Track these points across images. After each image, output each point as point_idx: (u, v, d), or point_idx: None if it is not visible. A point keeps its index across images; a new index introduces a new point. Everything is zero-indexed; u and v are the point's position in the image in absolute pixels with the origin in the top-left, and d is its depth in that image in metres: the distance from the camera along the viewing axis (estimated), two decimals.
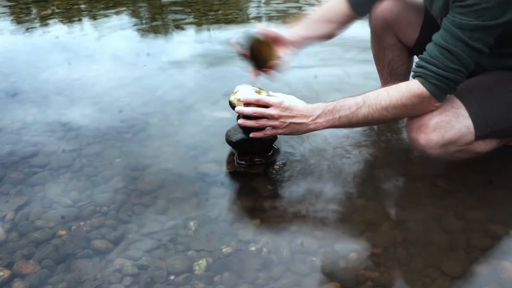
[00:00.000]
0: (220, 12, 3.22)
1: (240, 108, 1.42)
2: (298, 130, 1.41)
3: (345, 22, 1.65)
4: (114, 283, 1.20)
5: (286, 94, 1.42)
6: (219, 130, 1.76)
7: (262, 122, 1.41)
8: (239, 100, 1.44)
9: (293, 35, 1.57)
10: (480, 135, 1.33)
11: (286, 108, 1.37)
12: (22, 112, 1.97)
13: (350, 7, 1.61)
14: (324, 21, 1.62)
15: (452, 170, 1.56)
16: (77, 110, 1.97)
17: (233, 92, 1.48)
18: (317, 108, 1.38)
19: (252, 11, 3.28)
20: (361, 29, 1.91)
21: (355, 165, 1.66)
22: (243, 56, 1.53)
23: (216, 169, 1.60)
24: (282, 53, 1.54)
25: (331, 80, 2.15)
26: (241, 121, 1.45)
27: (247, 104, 1.41)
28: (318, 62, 2.26)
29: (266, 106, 1.39)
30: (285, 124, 1.39)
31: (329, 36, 1.65)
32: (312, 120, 1.38)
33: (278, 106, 1.37)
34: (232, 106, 1.46)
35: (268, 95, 1.45)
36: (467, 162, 1.44)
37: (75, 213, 1.42)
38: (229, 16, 3.14)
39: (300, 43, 1.59)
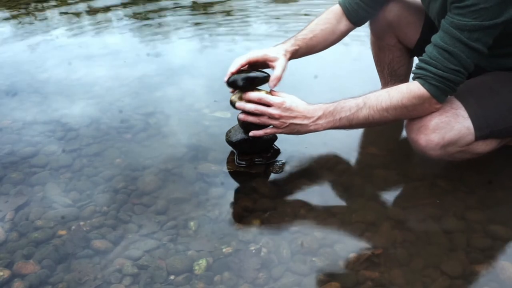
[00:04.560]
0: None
1: (242, 104, 1.42)
2: (299, 130, 1.41)
3: (341, 37, 1.65)
4: (114, 283, 1.20)
5: (288, 94, 1.42)
6: (219, 130, 1.76)
7: (263, 119, 1.41)
8: (240, 98, 1.44)
9: (282, 52, 1.48)
10: (480, 135, 1.33)
11: (287, 109, 1.37)
12: (22, 112, 1.97)
13: (347, 18, 1.61)
14: (320, 40, 1.60)
15: (452, 170, 1.56)
16: (77, 110, 1.98)
17: (234, 93, 1.47)
18: (318, 109, 1.38)
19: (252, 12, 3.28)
20: None
21: (355, 165, 1.66)
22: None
23: (216, 169, 1.60)
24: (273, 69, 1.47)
25: None
26: (242, 115, 1.45)
27: (248, 101, 1.41)
28: None
29: (267, 105, 1.39)
30: (285, 124, 1.39)
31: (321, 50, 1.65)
32: (313, 121, 1.38)
33: (279, 106, 1.38)
34: (233, 105, 1.46)
35: (270, 93, 1.45)
36: (467, 162, 1.44)
37: (75, 213, 1.42)
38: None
39: (288, 59, 1.51)
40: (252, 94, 1.40)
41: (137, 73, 2.31)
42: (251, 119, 1.42)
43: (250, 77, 1.41)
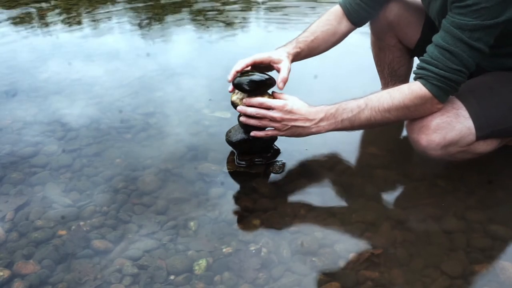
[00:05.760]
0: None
1: (243, 108, 1.42)
2: (300, 133, 1.41)
3: (342, 38, 1.65)
4: (114, 283, 1.20)
5: (289, 96, 1.42)
6: (219, 130, 1.76)
7: (265, 122, 1.41)
8: (241, 100, 1.44)
9: (285, 55, 1.49)
10: (481, 135, 1.33)
11: (289, 112, 1.37)
12: (22, 112, 1.97)
13: (348, 19, 1.61)
14: (321, 41, 1.60)
15: (452, 170, 1.56)
16: (77, 110, 1.98)
17: (234, 92, 1.48)
18: (319, 111, 1.38)
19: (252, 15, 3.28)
20: None
21: (355, 165, 1.66)
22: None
23: (216, 169, 1.60)
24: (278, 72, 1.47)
25: None
26: (243, 118, 1.45)
27: (249, 105, 1.41)
28: None
29: (269, 108, 1.39)
30: (287, 127, 1.39)
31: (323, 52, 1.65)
32: (315, 124, 1.38)
33: (280, 109, 1.37)
34: (234, 105, 1.46)
35: (272, 95, 1.45)
36: (467, 162, 1.44)
37: (75, 213, 1.42)
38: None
39: (291, 62, 1.51)
40: (254, 100, 1.40)
41: (137, 73, 2.31)
42: (252, 122, 1.42)
43: (255, 80, 1.41)
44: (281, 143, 1.63)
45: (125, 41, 2.82)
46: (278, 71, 1.46)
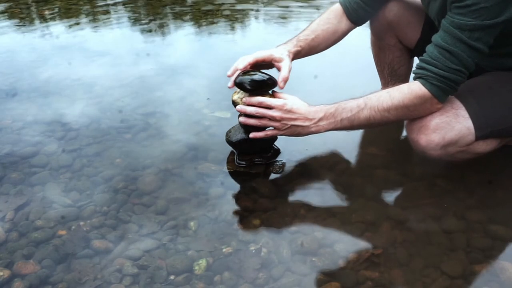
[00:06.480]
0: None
1: (242, 107, 1.42)
2: (300, 132, 1.41)
3: (342, 36, 1.65)
4: (114, 283, 1.20)
5: (289, 95, 1.42)
6: (219, 130, 1.76)
7: (264, 121, 1.41)
8: (242, 99, 1.44)
9: (286, 53, 1.49)
10: (480, 135, 1.33)
11: (289, 111, 1.37)
12: (22, 112, 1.97)
13: (347, 18, 1.61)
14: (321, 40, 1.60)
15: (452, 170, 1.56)
16: (77, 110, 1.98)
17: (235, 91, 1.48)
18: (319, 111, 1.38)
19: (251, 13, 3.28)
20: None
21: (355, 165, 1.66)
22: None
23: (216, 169, 1.60)
24: (279, 71, 1.47)
25: None
26: (242, 119, 1.45)
27: (249, 104, 1.41)
28: None
29: (268, 107, 1.39)
30: (286, 126, 1.39)
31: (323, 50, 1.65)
32: (314, 123, 1.38)
33: (280, 108, 1.38)
34: (235, 104, 1.46)
35: (273, 94, 1.45)
36: (467, 162, 1.44)
37: (75, 213, 1.42)
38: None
39: (291, 60, 1.50)
40: (253, 99, 1.40)
41: (137, 73, 2.31)
42: (251, 122, 1.42)
43: (257, 80, 1.41)
44: (281, 143, 1.63)
45: (125, 41, 2.82)
46: (279, 69, 1.47)
